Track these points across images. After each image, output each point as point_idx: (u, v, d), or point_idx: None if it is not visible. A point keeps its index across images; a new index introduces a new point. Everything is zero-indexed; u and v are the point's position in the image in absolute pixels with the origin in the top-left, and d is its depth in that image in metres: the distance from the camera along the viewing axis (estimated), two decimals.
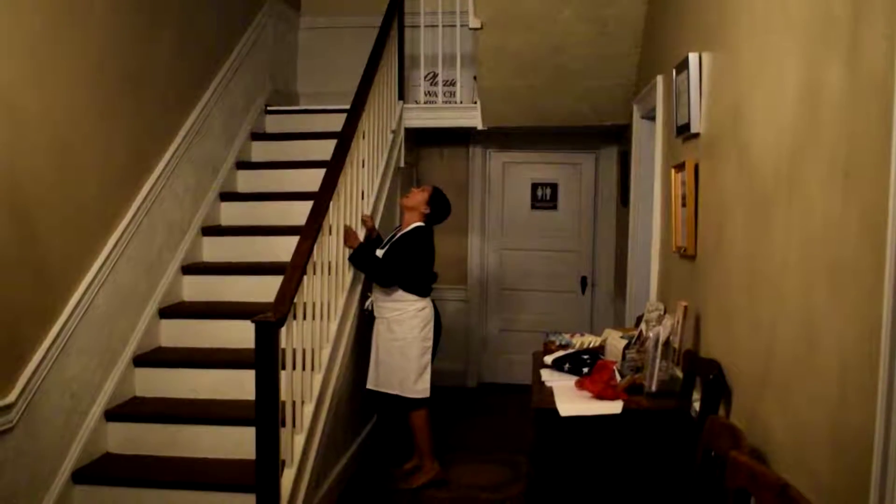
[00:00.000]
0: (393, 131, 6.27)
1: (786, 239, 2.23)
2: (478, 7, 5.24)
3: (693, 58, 3.43)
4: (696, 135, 3.46)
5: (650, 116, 4.84)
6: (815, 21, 2.06)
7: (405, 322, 4.97)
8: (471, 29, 5.41)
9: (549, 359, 4.02)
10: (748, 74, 2.69)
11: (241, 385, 4.42)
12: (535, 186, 7.80)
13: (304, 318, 4.16)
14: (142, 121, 4.73)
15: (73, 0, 4.04)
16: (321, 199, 4.47)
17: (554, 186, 7.77)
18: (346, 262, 4.98)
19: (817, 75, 2.02)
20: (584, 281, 7.71)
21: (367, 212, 5.41)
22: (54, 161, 3.90)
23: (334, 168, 4.70)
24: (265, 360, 3.58)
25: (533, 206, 7.81)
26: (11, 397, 3.56)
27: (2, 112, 3.51)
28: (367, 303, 5.16)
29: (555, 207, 7.78)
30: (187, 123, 5.32)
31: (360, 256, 4.95)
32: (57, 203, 3.93)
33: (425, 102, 7.12)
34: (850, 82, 1.83)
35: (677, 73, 3.73)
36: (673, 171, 3.85)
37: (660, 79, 4.42)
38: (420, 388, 5.00)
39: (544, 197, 7.78)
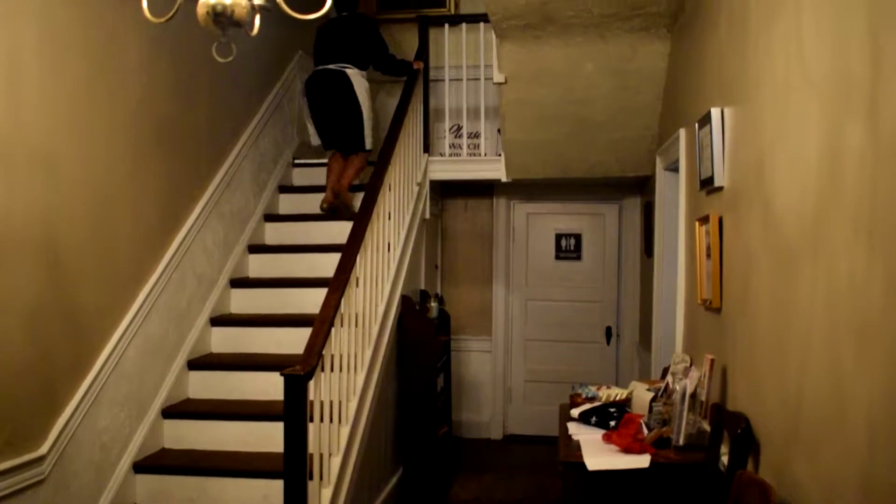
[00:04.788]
0: (418, 184, 6.35)
1: (811, 296, 2.25)
2: (502, 62, 5.33)
3: (715, 112, 3.47)
4: (720, 188, 3.48)
5: (673, 168, 4.87)
6: (835, 80, 2.10)
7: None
8: (495, 83, 5.50)
9: (575, 412, 4.03)
10: (770, 131, 2.73)
11: (268, 437, 4.44)
12: (558, 237, 7.83)
13: (332, 370, 4.20)
14: (175, 173, 4.83)
15: (110, 51, 4.17)
16: (349, 252, 4.54)
17: (578, 237, 7.80)
18: (374, 313, 5.03)
19: (838, 134, 2.06)
20: (608, 331, 7.70)
21: (394, 265, 5.49)
22: (89, 212, 4.00)
23: (362, 220, 4.77)
24: (294, 413, 3.61)
25: (557, 257, 7.84)
26: (44, 449, 3.61)
27: (40, 163, 3.61)
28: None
29: (579, 258, 7.80)
30: (218, 176, 5.42)
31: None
32: (91, 255, 4.02)
33: (450, 155, 7.20)
34: (871, 142, 1.86)
35: (700, 127, 3.77)
36: (697, 223, 3.87)
37: (682, 132, 4.46)
38: None
39: (568, 247, 7.81)
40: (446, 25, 6.74)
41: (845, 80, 2.02)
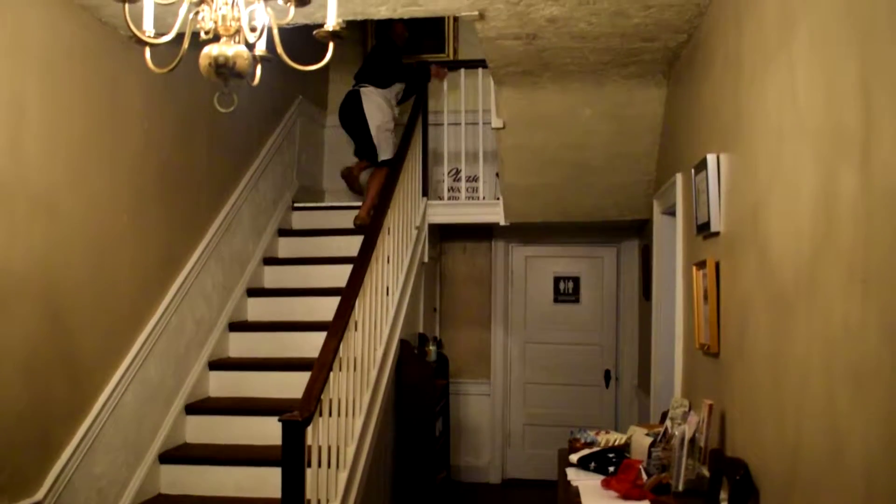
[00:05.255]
0: (417, 227, 6.38)
1: (808, 340, 2.26)
2: (500, 108, 5.38)
3: (711, 158, 3.50)
4: (717, 233, 3.50)
5: (670, 212, 4.90)
6: (828, 129, 2.13)
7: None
8: (493, 129, 5.55)
9: (574, 457, 4.01)
10: (765, 178, 2.76)
11: (266, 483, 4.41)
12: (557, 280, 7.86)
13: (330, 414, 4.19)
14: (174, 219, 4.86)
15: (112, 100, 4.23)
16: (348, 296, 4.55)
17: (576, 280, 7.82)
18: (372, 357, 5.03)
19: (832, 182, 2.08)
20: (607, 374, 7.69)
21: (393, 308, 5.49)
22: (89, 259, 4.02)
23: (361, 264, 4.79)
24: (292, 459, 3.60)
25: (555, 300, 7.86)
26: (39, 495, 3.59)
27: (42, 213, 3.64)
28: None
29: (577, 301, 7.82)
30: (217, 221, 5.45)
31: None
32: (90, 299, 4.03)
33: (449, 198, 7.24)
34: (863, 191, 1.88)
35: (696, 173, 3.79)
36: (694, 268, 3.89)
37: (679, 177, 4.49)
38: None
39: (567, 290, 7.83)
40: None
41: (838, 131, 2.05)
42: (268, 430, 4.67)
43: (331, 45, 2.32)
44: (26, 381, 3.53)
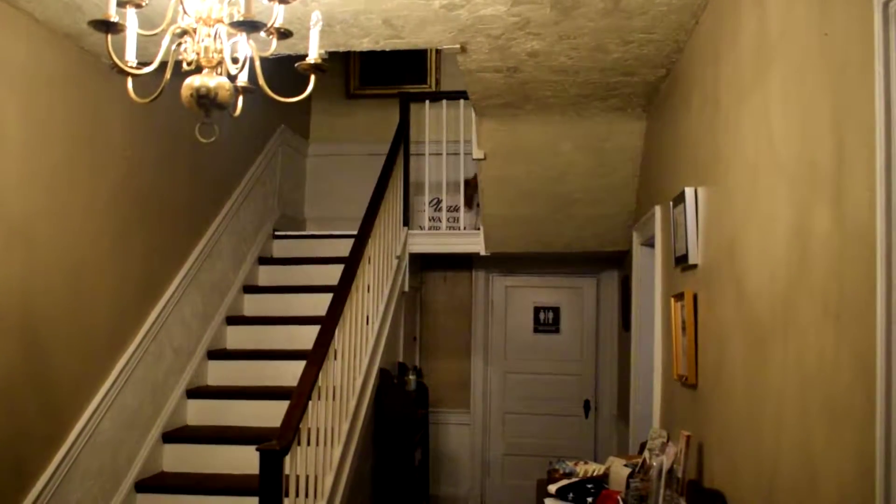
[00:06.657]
0: (398, 257, 6.39)
1: (783, 375, 2.29)
2: (481, 139, 5.41)
3: (689, 192, 3.54)
4: (694, 266, 3.54)
5: (649, 243, 4.93)
6: (802, 167, 2.17)
7: None
8: (474, 159, 5.58)
9: (553, 488, 4.01)
10: (741, 213, 2.80)
11: None
12: (537, 310, 7.87)
13: (308, 444, 4.17)
14: (154, 246, 4.85)
15: (93, 128, 4.23)
16: (327, 325, 4.54)
17: (556, 310, 7.84)
18: (351, 386, 5.02)
19: (806, 219, 2.12)
20: (587, 404, 7.69)
21: (372, 338, 5.49)
22: (67, 286, 4.00)
23: (341, 294, 4.79)
24: (269, 489, 3.59)
25: (535, 330, 7.87)
26: None
27: (19, 241, 3.62)
28: None
29: (557, 331, 7.83)
30: (197, 249, 5.44)
31: None
32: (67, 327, 4.01)
33: (430, 228, 7.25)
34: (836, 228, 1.92)
35: (674, 206, 3.83)
36: (672, 299, 3.92)
37: (658, 209, 4.53)
38: None
39: (547, 320, 7.84)
40: (427, 102, 6.87)
41: (812, 168, 2.09)
42: (245, 459, 4.64)
43: (312, 77, 2.35)
44: (1, 408, 3.49)
